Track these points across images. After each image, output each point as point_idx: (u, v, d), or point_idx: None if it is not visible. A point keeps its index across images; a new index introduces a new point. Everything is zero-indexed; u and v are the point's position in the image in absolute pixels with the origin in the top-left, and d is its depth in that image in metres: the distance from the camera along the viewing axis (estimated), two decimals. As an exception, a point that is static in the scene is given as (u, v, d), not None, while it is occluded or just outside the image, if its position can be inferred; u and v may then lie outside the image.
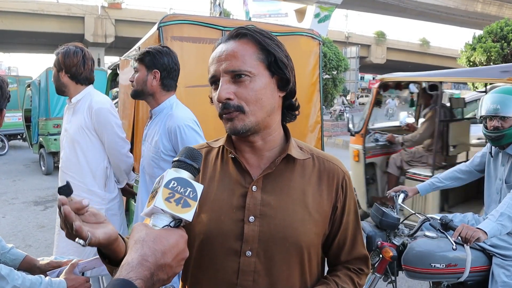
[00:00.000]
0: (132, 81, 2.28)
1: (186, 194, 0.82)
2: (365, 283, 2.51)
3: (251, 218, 1.04)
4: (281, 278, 1.05)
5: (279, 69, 1.03)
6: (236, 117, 0.99)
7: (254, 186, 1.06)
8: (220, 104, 1.00)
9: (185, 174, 0.85)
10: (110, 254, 0.93)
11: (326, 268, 1.23)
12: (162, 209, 0.79)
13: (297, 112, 1.14)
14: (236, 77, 0.99)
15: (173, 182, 0.82)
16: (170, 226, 0.81)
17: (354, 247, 1.18)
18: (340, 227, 1.14)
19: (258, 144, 1.08)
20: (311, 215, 1.07)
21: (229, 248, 1.05)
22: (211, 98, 1.07)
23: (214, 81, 1.03)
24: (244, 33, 1.02)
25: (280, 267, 1.05)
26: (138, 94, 2.29)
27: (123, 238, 0.96)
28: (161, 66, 2.24)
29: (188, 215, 0.81)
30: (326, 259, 1.22)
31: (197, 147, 1.19)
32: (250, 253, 1.04)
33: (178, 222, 0.82)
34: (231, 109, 0.99)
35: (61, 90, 2.52)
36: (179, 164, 0.87)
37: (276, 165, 1.07)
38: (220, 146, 1.15)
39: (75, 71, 2.47)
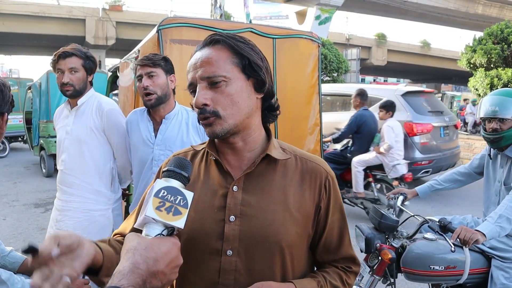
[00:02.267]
0: (147, 87, 2.25)
1: (177, 202, 0.83)
2: (364, 285, 2.51)
3: (232, 218, 1.06)
4: (261, 277, 1.06)
5: (253, 71, 1.05)
6: (214, 122, 1.02)
7: (235, 186, 1.08)
8: (198, 110, 1.03)
9: (174, 183, 0.86)
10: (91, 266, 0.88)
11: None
12: (153, 218, 0.80)
13: (278, 112, 1.16)
14: (213, 84, 1.02)
15: (163, 191, 0.82)
16: (163, 235, 0.82)
17: (341, 247, 1.19)
18: (325, 227, 1.15)
19: (239, 145, 1.10)
20: (292, 215, 1.08)
21: (211, 247, 1.07)
22: (191, 105, 1.09)
23: (193, 89, 1.06)
24: (217, 40, 1.05)
25: (261, 266, 1.06)
26: (162, 100, 2.31)
27: (98, 246, 0.92)
28: (174, 71, 2.39)
29: (179, 222, 0.82)
30: (315, 261, 1.22)
31: (184, 150, 1.22)
32: (231, 252, 1.06)
33: (171, 230, 0.83)
34: (207, 114, 1.01)
35: (80, 93, 2.50)
36: (168, 174, 0.88)
37: (256, 165, 1.08)
38: (203, 149, 1.18)
39: (94, 74, 2.57)
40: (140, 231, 0.85)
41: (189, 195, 0.85)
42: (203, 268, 1.08)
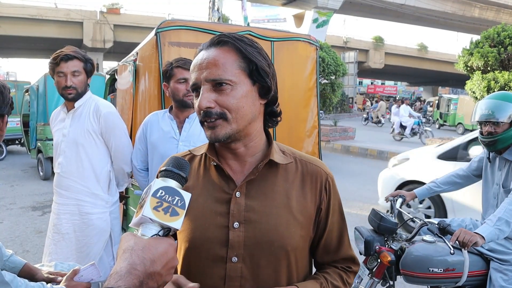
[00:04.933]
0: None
1: (174, 202, 0.82)
2: (363, 287, 2.51)
3: (236, 224, 1.05)
4: (267, 282, 1.06)
5: (260, 77, 1.03)
6: (219, 125, 1.00)
7: (237, 192, 1.06)
8: (201, 112, 1.00)
9: (172, 183, 0.86)
10: None
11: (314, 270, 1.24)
12: (150, 218, 0.79)
13: (279, 118, 1.14)
14: (217, 85, 0.99)
15: (160, 191, 0.82)
16: (159, 235, 0.81)
17: (340, 248, 1.19)
18: (325, 228, 1.15)
19: (240, 151, 1.08)
20: (295, 218, 1.08)
21: (215, 254, 1.05)
22: (192, 104, 1.07)
23: (195, 88, 1.03)
24: (225, 41, 1.02)
25: (267, 271, 1.06)
26: None
27: None
28: None
29: (176, 223, 0.81)
30: (313, 260, 1.23)
31: (180, 155, 1.19)
32: (236, 259, 1.04)
33: (167, 231, 0.82)
34: (214, 116, 0.99)
35: (81, 96, 2.50)
36: (166, 174, 0.87)
37: (259, 171, 1.07)
38: (202, 154, 1.15)
39: (91, 76, 2.57)
40: None
41: (187, 196, 0.84)
42: (208, 275, 1.06)
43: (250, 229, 1.05)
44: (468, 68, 12.42)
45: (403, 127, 16.81)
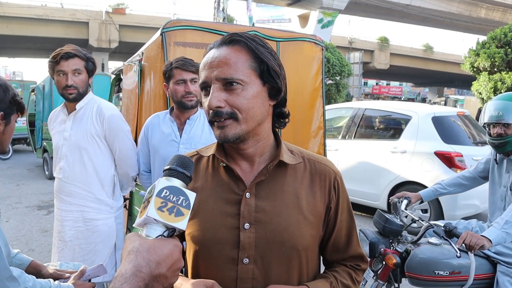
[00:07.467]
0: (193, 91, 2.39)
1: (179, 202, 0.80)
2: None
3: (247, 225, 1.04)
4: (279, 283, 1.05)
5: (271, 78, 1.02)
6: (229, 125, 0.99)
7: (247, 193, 1.06)
8: (211, 111, 0.99)
9: (177, 183, 0.84)
10: None
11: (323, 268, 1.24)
12: (155, 219, 0.78)
13: (287, 120, 1.13)
14: (228, 84, 0.97)
15: (165, 191, 0.80)
16: (164, 236, 0.80)
17: (349, 246, 1.19)
18: (334, 227, 1.15)
19: (249, 151, 1.07)
20: (306, 217, 1.08)
21: (226, 256, 1.04)
22: (201, 103, 1.06)
23: (205, 87, 1.02)
24: (237, 40, 1.01)
25: (278, 272, 1.05)
26: (198, 103, 2.43)
27: None
28: None
29: (181, 224, 0.80)
30: (322, 259, 1.23)
31: (187, 155, 1.17)
32: (247, 260, 1.04)
33: (171, 232, 0.81)
34: (224, 116, 0.98)
35: (82, 96, 2.38)
36: (170, 173, 0.86)
37: (269, 171, 1.06)
38: (210, 155, 1.14)
39: (93, 77, 2.47)
40: None
41: (192, 195, 0.83)
42: (219, 277, 1.04)
43: (261, 230, 1.04)
44: (475, 69, 12.38)
45: None
